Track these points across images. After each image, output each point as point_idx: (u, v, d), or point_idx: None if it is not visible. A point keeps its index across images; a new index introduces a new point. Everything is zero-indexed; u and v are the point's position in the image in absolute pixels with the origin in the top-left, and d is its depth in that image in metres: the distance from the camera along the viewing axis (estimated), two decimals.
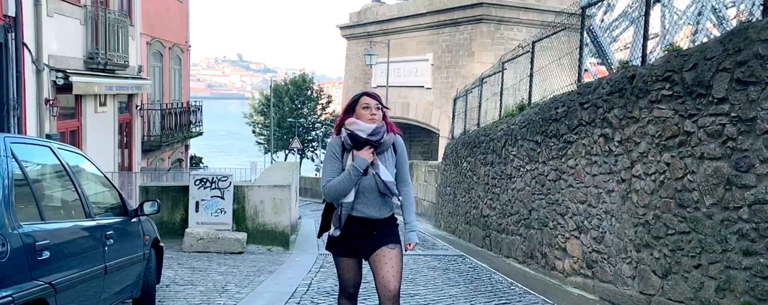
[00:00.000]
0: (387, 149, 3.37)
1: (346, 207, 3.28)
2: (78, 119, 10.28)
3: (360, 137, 3.26)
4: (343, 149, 3.34)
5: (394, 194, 3.34)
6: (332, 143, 3.41)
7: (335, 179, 3.27)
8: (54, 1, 9.00)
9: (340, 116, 3.48)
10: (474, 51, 27.27)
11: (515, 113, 8.91)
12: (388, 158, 3.37)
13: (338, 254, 3.48)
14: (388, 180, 3.30)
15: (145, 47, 14.15)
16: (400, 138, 3.49)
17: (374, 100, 3.35)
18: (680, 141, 4.50)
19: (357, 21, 34.76)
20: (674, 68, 4.60)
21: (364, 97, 3.37)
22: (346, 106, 3.41)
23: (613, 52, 34.51)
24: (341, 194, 3.26)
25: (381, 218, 3.35)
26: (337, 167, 3.31)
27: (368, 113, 3.29)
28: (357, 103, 3.37)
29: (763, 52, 3.63)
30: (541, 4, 26.87)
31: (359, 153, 3.26)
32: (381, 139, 3.31)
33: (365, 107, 3.32)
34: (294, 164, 14.01)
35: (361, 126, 3.28)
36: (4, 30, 7.63)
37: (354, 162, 3.24)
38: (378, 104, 3.33)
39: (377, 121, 3.30)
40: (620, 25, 35.49)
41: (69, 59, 9.58)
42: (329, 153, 3.37)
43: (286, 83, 53.24)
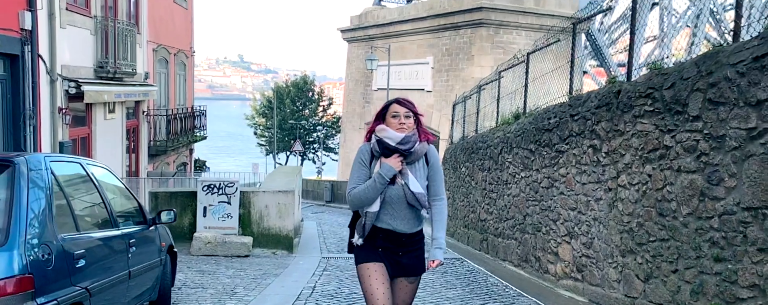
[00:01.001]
0: (418, 159, 3.19)
1: (371, 217, 3.11)
2: (88, 126, 10.62)
3: (389, 145, 3.11)
4: (371, 155, 3.19)
5: (424, 207, 3.15)
6: (362, 149, 3.25)
7: (360, 186, 3.11)
8: (67, 13, 9.34)
9: (371, 122, 3.31)
10: (473, 55, 27.60)
11: (511, 121, 9.24)
12: (419, 168, 3.19)
13: (363, 260, 3.18)
14: (417, 191, 3.11)
15: (152, 54, 14.49)
16: (434, 148, 3.31)
17: (404, 108, 3.18)
18: (660, 154, 4.83)
19: (358, 24, 35.10)
20: (655, 86, 4.93)
21: (393, 105, 3.22)
22: (377, 113, 3.28)
23: (611, 55, 34.75)
24: (365, 202, 3.09)
25: (408, 232, 3.17)
26: (365, 173, 3.15)
27: (397, 121, 3.14)
28: (387, 110, 3.22)
29: (731, 75, 3.96)
30: (540, 8, 27.20)
31: (387, 160, 3.10)
32: (411, 148, 3.14)
33: (394, 115, 3.16)
34: (297, 169, 14.35)
35: (390, 134, 3.12)
36: (21, 43, 7.96)
37: (380, 169, 3.09)
38: (408, 112, 3.17)
39: (407, 129, 3.13)
40: (619, 28, 35.76)
41: (80, 69, 9.91)
42: (358, 159, 3.20)
43: (287, 85, 53.58)
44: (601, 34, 31.83)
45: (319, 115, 52.18)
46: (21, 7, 8.03)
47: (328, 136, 52.01)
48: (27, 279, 2.74)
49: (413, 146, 3.15)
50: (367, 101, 34.73)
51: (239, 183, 9.56)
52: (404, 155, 3.13)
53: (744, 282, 3.79)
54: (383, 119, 3.22)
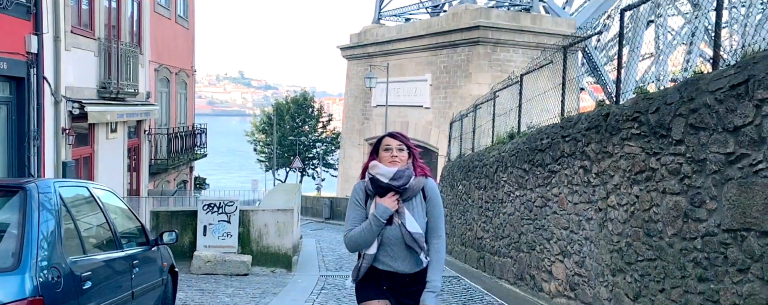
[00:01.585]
0: (416, 195, 3.02)
1: (368, 259, 2.97)
2: (91, 145, 10.79)
3: (381, 183, 2.96)
4: (366, 194, 3.04)
5: (422, 249, 2.95)
6: (356, 188, 3.11)
7: (356, 229, 2.97)
8: (71, 36, 9.56)
9: (366, 159, 3.17)
10: (471, 72, 27.89)
11: (505, 140, 9.42)
12: (417, 204, 3.03)
13: (365, 297, 3.04)
14: (414, 232, 2.94)
15: (153, 74, 14.72)
16: (432, 181, 3.14)
17: (396, 140, 3.07)
18: (647, 176, 5.00)
19: (357, 42, 35.48)
20: (641, 110, 5.11)
21: (385, 138, 3.11)
22: (372, 148, 3.15)
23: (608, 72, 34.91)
24: (362, 245, 2.96)
25: (410, 272, 3.00)
26: (360, 214, 3.01)
27: (389, 155, 3.01)
28: (379, 144, 3.10)
29: (710, 102, 4.14)
30: (536, 27, 27.56)
31: (381, 201, 2.95)
32: (405, 184, 2.98)
33: (386, 148, 3.04)
34: (296, 186, 14.50)
35: (381, 170, 2.97)
36: (26, 66, 8.17)
37: (375, 211, 2.93)
38: (401, 145, 3.05)
39: (400, 163, 3.00)
40: (616, 46, 36.00)
41: (84, 90, 10.11)
42: (352, 199, 3.07)
43: (287, 102, 53.93)
44: (597, 52, 32.26)
45: (318, 131, 52.45)
46: (27, 31, 8.25)
47: (328, 152, 52.22)
48: (38, 301, 2.88)
49: (408, 182, 2.99)
50: (366, 117, 34.98)
51: (239, 202, 9.70)
52: (399, 192, 2.97)
53: (725, 301, 3.93)
54: (377, 153, 3.09)
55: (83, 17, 10.41)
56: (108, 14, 11.39)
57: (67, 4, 9.41)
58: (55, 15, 8.92)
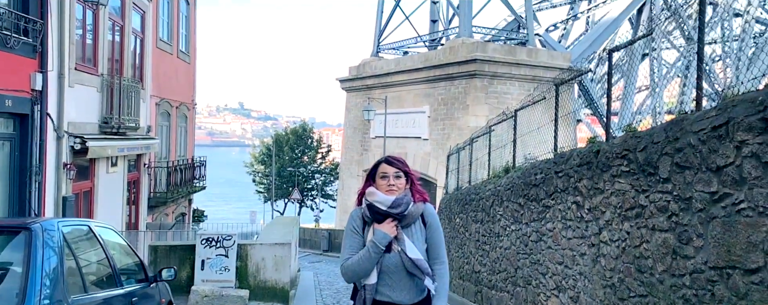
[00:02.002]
0: (415, 222, 2.96)
1: (370, 290, 2.85)
2: (91, 179, 10.90)
3: (379, 210, 2.89)
4: (363, 221, 2.96)
5: (427, 274, 2.87)
6: (352, 216, 3.03)
7: (354, 257, 2.87)
8: (75, 73, 9.78)
9: (362, 185, 3.10)
10: (468, 104, 28.18)
11: (501, 174, 9.54)
12: (416, 231, 2.97)
13: None
14: (415, 258, 2.85)
15: (154, 108, 14.93)
16: (431, 207, 3.09)
17: (393, 167, 2.98)
18: (637, 213, 5.11)
19: (356, 75, 35.92)
20: (629, 148, 5.25)
21: (381, 165, 3.02)
22: (368, 173, 3.08)
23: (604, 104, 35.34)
24: (361, 274, 2.85)
25: (411, 303, 2.92)
26: (358, 242, 2.93)
27: (386, 183, 2.94)
28: (376, 171, 3.02)
29: (694, 142, 4.28)
30: (533, 60, 27.99)
31: (380, 227, 2.88)
32: (404, 211, 2.92)
33: (383, 176, 2.96)
34: (294, 219, 14.55)
35: (379, 198, 2.90)
36: (31, 103, 8.35)
37: (374, 238, 2.85)
38: (398, 172, 2.96)
39: (397, 191, 2.93)
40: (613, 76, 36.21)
41: (86, 125, 10.27)
42: (349, 227, 2.98)
43: (286, 133, 54.24)
44: (594, 84, 32.68)
45: (317, 162, 52.60)
46: (33, 69, 8.45)
47: (327, 183, 52.26)
48: None
49: (406, 209, 2.93)
50: (365, 148, 35.16)
51: (237, 236, 9.76)
52: (398, 218, 2.90)
53: None
54: (373, 179, 3.02)
55: (87, 54, 10.64)
56: (111, 51, 11.65)
57: (73, 41, 9.64)
58: (61, 53, 9.15)
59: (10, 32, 7.72)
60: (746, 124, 3.69)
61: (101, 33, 10.94)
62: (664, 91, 31.15)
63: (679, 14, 30.37)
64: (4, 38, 7.62)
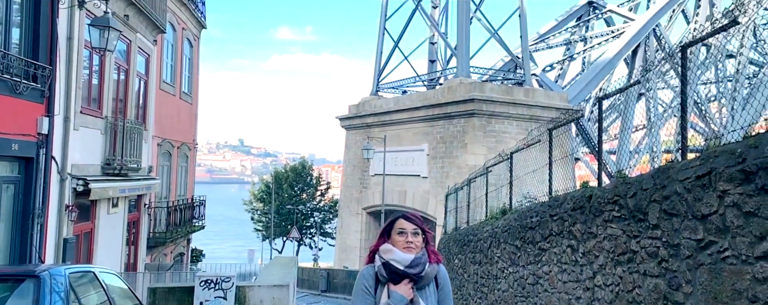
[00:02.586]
0: (429, 283, 2.89)
1: None
2: (92, 221, 10.98)
3: (397, 269, 2.80)
4: (376, 281, 2.86)
5: None
6: (364, 274, 2.92)
7: None
8: (81, 116, 10.00)
9: (375, 241, 3.02)
10: (467, 143, 28.42)
11: (498, 216, 9.65)
12: (430, 294, 2.89)
13: None
14: None
15: (156, 148, 15.13)
16: (445, 269, 3.05)
17: (411, 224, 2.90)
18: (628, 258, 5.21)
19: (356, 113, 36.31)
20: (620, 194, 5.40)
21: (399, 220, 2.93)
22: (382, 228, 3.00)
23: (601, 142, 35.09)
24: None
25: None
26: (370, 303, 2.84)
27: (403, 239, 2.85)
28: (392, 226, 2.92)
29: (680, 190, 4.43)
30: (529, 100, 28.39)
31: (396, 288, 2.79)
32: (422, 272, 2.84)
33: (400, 232, 2.87)
34: (293, 259, 14.54)
35: (397, 256, 2.81)
36: (37, 146, 8.53)
37: (390, 300, 2.77)
38: (416, 229, 2.88)
39: (415, 249, 2.84)
40: (609, 117, 36.75)
41: (89, 167, 10.43)
42: (360, 286, 2.87)
43: (286, 170, 54.37)
44: (590, 123, 33.03)
45: (316, 199, 52.54)
46: (40, 113, 8.66)
47: (325, 220, 52.08)
48: None
49: (424, 270, 2.85)
50: (364, 186, 35.23)
51: (235, 277, 9.79)
52: (414, 279, 2.82)
53: None
54: (388, 235, 2.93)
55: (92, 97, 10.89)
56: (116, 94, 11.92)
57: (79, 86, 9.90)
58: (67, 97, 9.39)
59: (20, 79, 7.97)
60: (727, 175, 3.85)
61: (107, 77, 11.23)
62: (660, 130, 31.51)
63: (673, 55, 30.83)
64: (14, 85, 7.86)
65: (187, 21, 18.27)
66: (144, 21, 13.02)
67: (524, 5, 31.22)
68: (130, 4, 11.96)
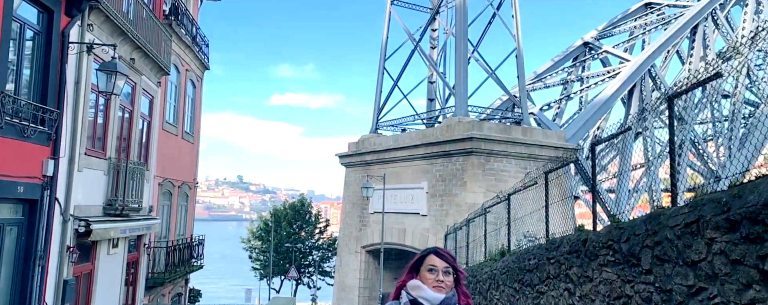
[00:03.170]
0: None
1: None
2: (92, 262, 11.01)
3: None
4: None
5: None
6: None
7: None
8: (85, 158, 10.16)
9: (402, 276, 2.88)
10: (466, 181, 28.49)
11: (497, 257, 9.71)
12: None
13: None
14: None
15: (157, 188, 15.24)
16: None
17: (443, 261, 2.76)
18: (624, 303, 5.28)
19: (355, 150, 36.52)
20: (614, 238, 5.51)
21: (430, 256, 2.79)
22: (411, 263, 2.88)
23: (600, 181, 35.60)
24: None
25: None
26: None
27: (433, 277, 2.71)
28: (422, 262, 2.80)
29: (670, 236, 4.55)
30: (527, 139, 28.63)
31: None
32: None
33: (431, 269, 2.73)
34: (291, 300, 14.50)
35: (427, 294, 2.68)
36: (41, 189, 8.66)
37: None
38: (448, 267, 2.75)
39: (445, 289, 2.70)
40: (608, 155, 36.91)
41: (91, 207, 10.54)
42: None
43: (285, 207, 54.20)
44: (589, 162, 33.26)
45: (315, 237, 52.22)
46: (46, 155, 8.83)
47: (324, 259, 51.65)
48: None
49: None
50: (363, 224, 35.12)
51: None
52: None
53: None
54: (417, 271, 2.79)
55: (97, 138, 11.09)
56: (120, 135, 12.12)
57: (85, 128, 10.11)
58: (73, 139, 9.58)
59: (29, 122, 8.17)
60: (714, 223, 3.98)
61: (112, 118, 11.45)
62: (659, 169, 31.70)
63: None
64: (23, 129, 8.05)
65: (191, 63, 18.67)
66: (149, 64, 13.35)
67: (521, 46, 31.89)
68: (137, 47, 12.29)
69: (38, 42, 8.78)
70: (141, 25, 12.35)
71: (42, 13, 8.79)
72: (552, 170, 7.90)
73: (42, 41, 8.81)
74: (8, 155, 7.85)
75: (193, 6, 19.70)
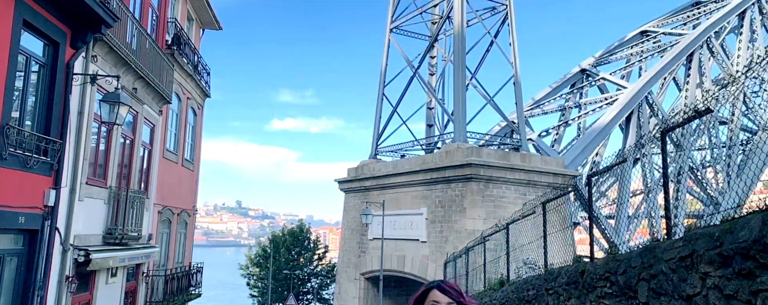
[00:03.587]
0: None
1: None
2: (90, 291, 10.98)
3: None
4: None
5: None
6: None
7: None
8: (86, 187, 10.23)
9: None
10: (466, 207, 28.46)
11: (496, 287, 9.70)
12: None
13: None
14: None
15: (157, 216, 15.25)
16: None
17: (446, 297, 2.65)
18: None
19: (355, 176, 36.55)
20: (611, 270, 5.56)
21: (433, 291, 2.69)
22: (414, 298, 2.78)
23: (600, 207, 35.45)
24: None
25: None
26: None
27: None
28: (425, 298, 2.70)
29: (665, 270, 4.61)
30: (526, 165, 28.72)
31: None
32: None
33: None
34: None
35: None
36: (42, 219, 8.70)
37: None
38: (451, 302, 2.63)
39: None
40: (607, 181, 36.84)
41: (90, 237, 10.56)
42: None
43: (283, 233, 53.93)
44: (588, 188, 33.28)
45: (314, 263, 51.85)
46: (47, 185, 8.90)
47: (323, 286, 51.20)
48: None
49: None
50: (362, 250, 34.94)
51: None
52: None
53: None
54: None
55: (98, 167, 11.17)
56: (121, 163, 12.20)
57: (86, 157, 10.19)
58: (74, 169, 9.66)
59: (32, 153, 8.26)
60: (708, 257, 4.05)
61: (113, 148, 11.55)
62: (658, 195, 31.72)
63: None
64: (26, 159, 8.14)
65: (192, 91, 18.87)
66: (151, 93, 13.51)
67: (518, 73, 32.23)
68: (139, 77, 12.47)
69: (43, 74, 8.94)
70: (144, 55, 12.56)
71: (48, 45, 8.97)
72: (550, 201, 7.97)
73: (47, 73, 8.97)
74: (11, 185, 7.92)
75: (195, 35, 20.01)
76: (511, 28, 32.50)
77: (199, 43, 20.63)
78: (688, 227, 4.65)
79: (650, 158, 33.00)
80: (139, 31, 12.39)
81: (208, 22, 20.75)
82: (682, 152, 28.52)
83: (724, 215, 4.16)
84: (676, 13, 42.19)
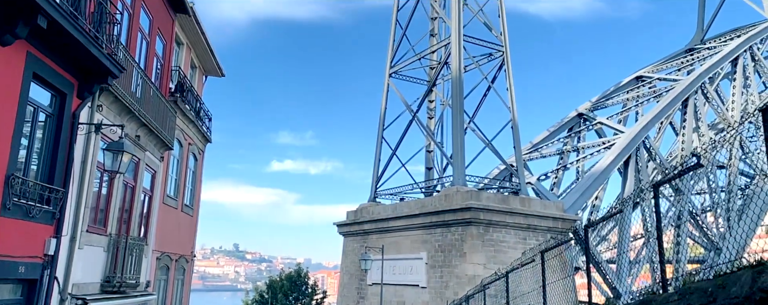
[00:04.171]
0: None
1: None
2: None
3: None
4: None
5: None
6: None
7: None
8: (86, 235, 10.26)
9: None
10: (466, 252, 28.23)
11: None
12: None
13: None
14: None
15: (155, 263, 15.18)
16: None
17: None
18: None
19: (353, 219, 36.38)
20: None
21: None
22: None
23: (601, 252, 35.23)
24: None
25: None
26: None
27: None
28: None
29: None
30: (526, 209, 28.68)
31: None
32: None
33: None
34: None
35: None
36: (42, 268, 8.71)
37: None
38: None
39: None
40: (607, 225, 36.74)
41: (89, 285, 10.52)
42: None
43: (281, 278, 53.21)
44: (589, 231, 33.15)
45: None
46: (49, 234, 8.94)
47: None
48: None
49: None
50: (361, 296, 34.44)
51: None
52: None
53: None
54: None
55: (99, 215, 11.22)
56: (121, 210, 12.26)
57: (88, 205, 10.27)
58: (76, 217, 9.72)
59: (35, 203, 8.35)
60: None
61: (114, 195, 11.63)
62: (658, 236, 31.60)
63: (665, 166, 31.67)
64: (28, 209, 8.22)
65: (194, 136, 19.09)
66: (154, 140, 13.70)
67: (516, 117, 32.61)
68: (142, 125, 12.67)
69: (49, 123, 9.12)
70: (148, 103, 12.81)
71: (55, 96, 9.19)
72: (548, 249, 8.01)
73: (53, 123, 9.15)
74: (13, 235, 7.98)
75: (198, 82, 20.40)
76: (508, 73, 33.08)
77: (201, 89, 20.99)
78: (684, 281, 4.71)
79: (650, 202, 33.06)
80: (144, 79, 12.68)
81: (211, 69, 21.19)
82: (681, 197, 28.58)
83: (717, 270, 4.24)
84: (670, 59, 43.10)
